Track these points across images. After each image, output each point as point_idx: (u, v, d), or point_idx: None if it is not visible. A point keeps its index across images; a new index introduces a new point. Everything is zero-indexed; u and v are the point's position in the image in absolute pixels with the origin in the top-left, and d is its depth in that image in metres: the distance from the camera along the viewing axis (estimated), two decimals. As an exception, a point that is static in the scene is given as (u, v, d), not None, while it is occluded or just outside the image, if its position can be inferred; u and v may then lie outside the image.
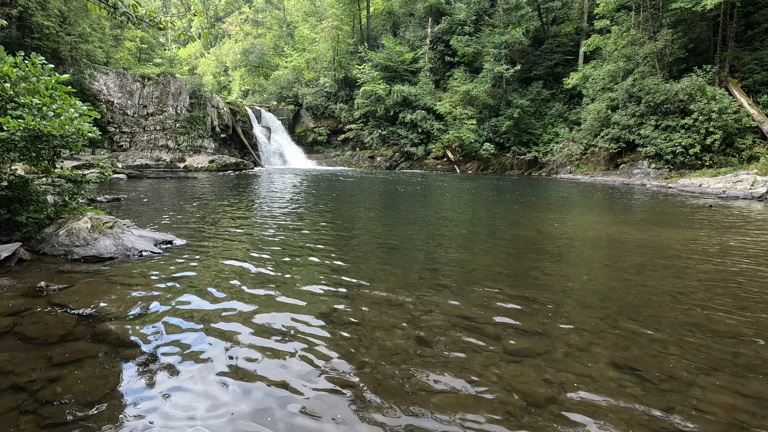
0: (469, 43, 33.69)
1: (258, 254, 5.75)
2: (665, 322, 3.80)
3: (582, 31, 32.03)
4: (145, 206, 10.08)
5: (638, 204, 13.36)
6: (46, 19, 20.10)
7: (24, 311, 3.53)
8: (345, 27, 41.45)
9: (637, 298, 4.39)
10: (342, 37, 39.57)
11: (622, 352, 3.21)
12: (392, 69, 36.37)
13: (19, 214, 5.41)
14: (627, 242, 7.24)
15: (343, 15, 41.67)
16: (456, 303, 4.12)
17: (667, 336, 3.50)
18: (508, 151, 32.05)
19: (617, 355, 3.16)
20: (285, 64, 44.80)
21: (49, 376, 2.66)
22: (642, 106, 23.08)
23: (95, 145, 22.28)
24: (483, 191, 17.19)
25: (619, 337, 3.46)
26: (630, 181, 22.37)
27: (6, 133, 4.75)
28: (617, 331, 3.57)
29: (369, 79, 35.15)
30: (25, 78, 5.36)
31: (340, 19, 40.59)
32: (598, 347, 3.28)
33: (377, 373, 2.83)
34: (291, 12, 53.93)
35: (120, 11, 2.47)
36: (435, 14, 38.34)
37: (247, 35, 57.55)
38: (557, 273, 5.31)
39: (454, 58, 36.43)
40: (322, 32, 39.78)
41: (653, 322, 3.80)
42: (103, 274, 4.65)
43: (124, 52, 35.85)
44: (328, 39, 38.79)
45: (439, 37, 37.27)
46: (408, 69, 36.77)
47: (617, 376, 2.88)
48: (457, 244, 6.96)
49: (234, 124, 31.91)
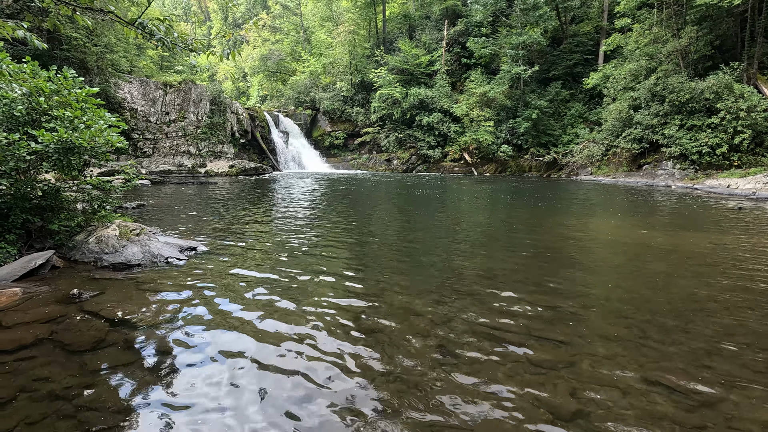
0: (485, 44, 33.48)
1: (278, 260, 5.83)
2: (695, 331, 3.70)
3: (602, 30, 31.47)
4: (169, 212, 10.33)
5: (663, 206, 13.02)
6: (74, 31, 20.86)
7: (59, 318, 3.66)
8: (361, 31, 41.74)
9: (665, 306, 4.29)
10: (358, 42, 39.86)
11: (650, 364, 3.14)
12: (408, 72, 36.43)
13: (52, 222, 5.63)
14: (652, 247, 7.07)
15: (360, 19, 41.98)
16: (477, 311, 4.09)
17: (697, 346, 3.40)
18: (527, 153, 31.69)
19: (645, 367, 3.09)
20: (302, 69, 45.37)
21: (84, 382, 2.76)
22: (666, 105, 22.52)
23: (120, 151, 22.95)
24: (501, 194, 17.02)
25: (647, 348, 3.38)
26: (653, 183, 21.82)
27: (41, 145, 4.95)
28: (644, 341, 3.49)
29: (385, 82, 35.29)
30: (57, 91, 5.58)
31: (356, 23, 40.91)
32: (625, 358, 3.22)
33: (397, 384, 2.84)
34: (308, 17, 54.58)
35: (156, 37, 2.56)
36: (451, 16, 38.25)
37: (264, 41, 58.48)
38: (580, 280, 5.22)
39: (470, 60, 36.27)
40: (338, 37, 40.14)
41: (682, 331, 3.70)
42: (132, 281, 4.79)
43: (146, 61, 36.93)
44: (344, 43, 39.12)
45: (456, 39, 37.16)
46: (424, 72, 36.76)
47: (646, 389, 2.82)
48: (476, 249, 6.91)
49: (253, 129, 32.45)
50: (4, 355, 3.04)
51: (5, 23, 2.17)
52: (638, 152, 24.57)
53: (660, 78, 23.41)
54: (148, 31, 2.47)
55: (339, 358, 3.18)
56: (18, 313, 3.72)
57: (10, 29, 2.23)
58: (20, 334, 3.34)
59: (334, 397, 2.68)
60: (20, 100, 5.24)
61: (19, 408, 2.48)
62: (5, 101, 5.15)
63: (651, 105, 23.53)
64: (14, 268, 4.64)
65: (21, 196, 5.40)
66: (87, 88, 5.86)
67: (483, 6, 33.25)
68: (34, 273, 4.75)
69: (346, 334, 3.57)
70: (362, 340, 3.46)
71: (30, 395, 2.60)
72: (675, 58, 23.72)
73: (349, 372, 2.98)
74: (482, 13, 33.90)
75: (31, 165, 5.45)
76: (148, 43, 36.76)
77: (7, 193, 5.39)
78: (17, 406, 2.50)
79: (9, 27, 2.21)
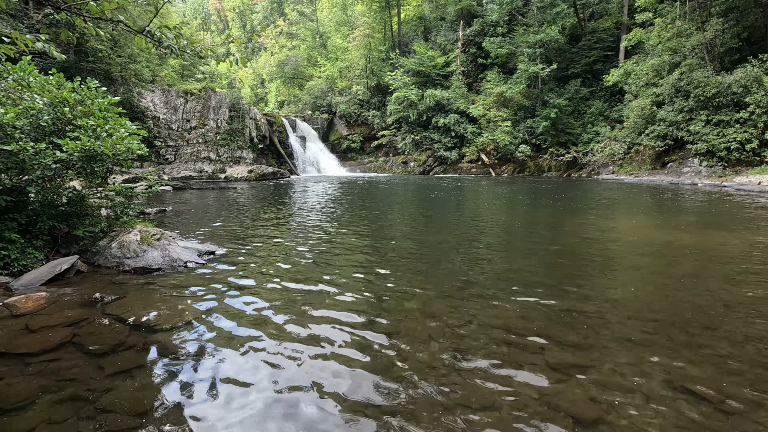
0: (502, 44, 33.12)
1: (295, 263, 5.86)
2: (723, 335, 3.54)
3: (622, 26, 30.72)
4: (189, 217, 10.54)
5: (689, 205, 12.58)
6: (99, 43, 21.60)
7: (82, 321, 3.76)
8: (376, 35, 41.92)
9: (691, 309, 4.12)
10: (374, 45, 40.03)
11: (675, 369, 3.01)
12: (424, 74, 36.37)
13: (77, 228, 5.80)
14: (678, 247, 6.82)
15: (375, 23, 42.17)
16: (494, 314, 4.02)
17: (726, 351, 3.25)
18: (546, 153, 31.17)
19: (671, 372, 2.97)
20: (319, 74, 45.82)
21: (104, 384, 2.82)
22: (691, 100, 21.82)
23: (143, 159, 23.60)
24: (520, 195, 16.76)
25: (672, 352, 3.25)
26: (679, 181, 21.14)
27: (65, 154, 5.11)
28: (670, 346, 3.35)
29: (401, 84, 35.31)
30: (81, 101, 5.77)
31: (371, 27, 41.12)
32: (649, 363, 3.09)
33: (413, 388, 2.80)
34: (324, 23, 55.17)
35: (164, 44, 2.61)
36: (466, 17, 38.03)
37: (282, 47, 59.39)
38: (602, 282, 5.08)
39: (486, 60, 35.95)
40: (354, 41, 40.43)
41: (710, 335, 3.54)
42: (152, 284, 4.89)
43: (168, 70, 37.91)
44: (360, 47, 39.36)
45: (471, 39, 36.90)
46: (440, 73, 36.63)
47: (671, 395, 2.70)
48: (494, 251, 6.81)
49: (271, 134, 32.91)
50: (30, 357, 3.14)
51: (24, 36, 2.26)
52: (662, 150, 23.84)
53: (684, 73, 22.68)
54: (157, 38, 2.53)
55: (354, 360, 3.16)
56: (43, 316, 3.84)
57: (30, 42, 2.31)
58: (45, 337, 3.44)
59: (347, 400, 2.66)
60: (46, 110, 5.44)
61: (42, 409, 2.54)
62: (32, 112, 5.35)
63: (675, 101, 22.82)
64: (41, 273, 4.80)
65: (48, 203, 5.59)
66: (109, 98, 6.04)
67: (499, 5, 32.92)
68: (59, 277, 4.90)
69: (362, 337, 3.55)
70: (377, 344, 3.43)
71: (52, 396, 2.67)
72: (700, 51, 22.96)
73: (363, 375, 2.96)
74: (498, 13, 33.56)
75: (56, 173, 5.65)
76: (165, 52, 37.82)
77: (34, 200, 5.59)
78: (40, 406, 2.56)
79: (28, 40, 2.30)
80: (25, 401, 2.61)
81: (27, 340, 3.39)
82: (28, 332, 3.52)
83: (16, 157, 5.01)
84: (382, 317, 3.97)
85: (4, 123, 4.92)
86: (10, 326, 3.64)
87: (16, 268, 4.91)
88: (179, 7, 77.50)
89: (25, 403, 2.60)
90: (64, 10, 2.28)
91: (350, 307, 4.22)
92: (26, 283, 4.61)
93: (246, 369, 3.05)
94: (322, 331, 3.66)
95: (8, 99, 5.40)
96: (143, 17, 21.24)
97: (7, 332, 3.52)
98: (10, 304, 4.03)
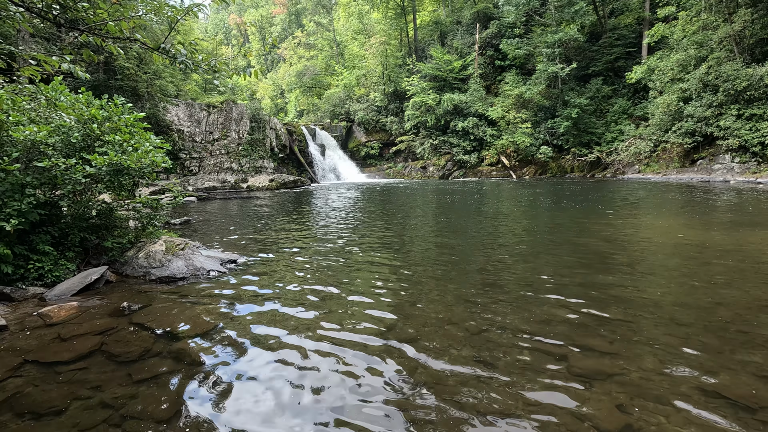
0: (519, 45, 32.80)
1: (316, 270, 5.91)
2: (759, 340, 3.36)
3: (644, 21, 29.99)
4: (212, 226, 10.79)
5: (722, 203, 12.07)
6: (126, 61, 22.50)
7: (110, 330, 3.89)
8: (393, 41, 42.20)
9: (725, 313, 3.93)
10: (390, 52, 40.30)
11: (708, 376, 2.88)
12: (441, 78, 36.34)
13: (106, 240, 6.02)
14: (710, 248, 6.55)
15: (391, 30, 42.48)
16: (516, 319, 3.94)
17: (762, 357, 3.09)
18: (568, 153, 30.57)
19: (703, 379, 2.84)
20: (336, 83, 46.39)
21: (131, 391, 2.90)
22: (720, 95, 21.03)
23: (169, 171, 24.38)
24: (542, 197, 16.46)
25: (705, 358, 3.11)
26: (710, 178, 20.35)
27: (94, 168, 5.33)
28: (702, 351, 3.21)
29: (418, 90, 35.36)
30: (108, 118, 6.02)
31: (387, 34, 41.42)
32: (680, 370, 2.97)
33: (433, 396, 2.76)
34: (341, 32, 55.91)
35: (179, 60, 2.71)
36: (483, 19, 37.86)
37: (300, 58, 60.46)
38: (629, 285, 4.91)
39: (504, 62, 35.66)
40: (370, 49, 40.79)
41: (744, 340, 3.37)
42: (177, 293, 5.01)
43: (191, 84, 39.06)
44: (376, 54, 39.68)
45: (488, 41, 36.69)
46: (457, 77, 36.52)
47: (704, 403, 2.58)
48: (515, 255, 6.69)
49: (291, 143, 33.45)
50: (61, 365, 3.26)
51: (50, 58, 2.39)
52: (691, 146, 23.03)
53: (712, 66, 21.91)
54: (172, 55, 2.63)
55: (375, 366, 3.15)
56: (74, 325, 3.99)
57: (56, 63, 2.45)
58: (75, 345, 3.57)
59: (365, 413, 2.65)
60: (76, 127, 5.69)
61: (72, 415, 2.63)
62: (63, 129, 5.61)
63: (703, 96, 22.05)
64: (73, 284, 4.99)
65: (79, 216, 5.83)
66: (135, 113, 6.28)
67: (515, 6, 32.64)
68: (90, 287, 5.09)
69: (383, 343, 3.54)
70: (398, 350, 3.41)
71: (82, 403, 2.76)
72: (728, 44, 22.14)
73: (384, 382, 2.94)
74: (515, 14, 33.27)
75: (86, 187, 5.88)
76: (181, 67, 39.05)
77: (66, 214, 5.84)
78: (70, 413, 2.65)
79: (54, 61, 2.43)
80: (57, 407, 2.71)
81: (59, 348, 3.53)
82: (60, 341, 3.66)
83: (49, 173, 5.25)
84: (403, 324, 3.95)
85: (37, 141, 5.17)
86: (44, 335, 3.79)
87: (50, 279, 5.12)
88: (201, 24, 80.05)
89: (58, 409, 2.70)
90: (85, 32, 2.40)
91: (371, 314, 4.22)
92: (59, 294, 4.80)
93: (268, 376, 3.09)
94: (345, 336, 3.67)
95: (41, 117, 5.67)
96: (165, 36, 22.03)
97: (41, 341, 3.67)
98: (44, 313, 4.20)
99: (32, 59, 2.48)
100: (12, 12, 2.45)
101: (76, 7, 2.33)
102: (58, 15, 2.40)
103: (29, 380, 3.05)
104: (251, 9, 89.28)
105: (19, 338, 3.74)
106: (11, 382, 3.01)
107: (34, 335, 3.80)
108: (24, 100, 5.51)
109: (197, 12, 2.74)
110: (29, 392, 2.90)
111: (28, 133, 5.08)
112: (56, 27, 17.38)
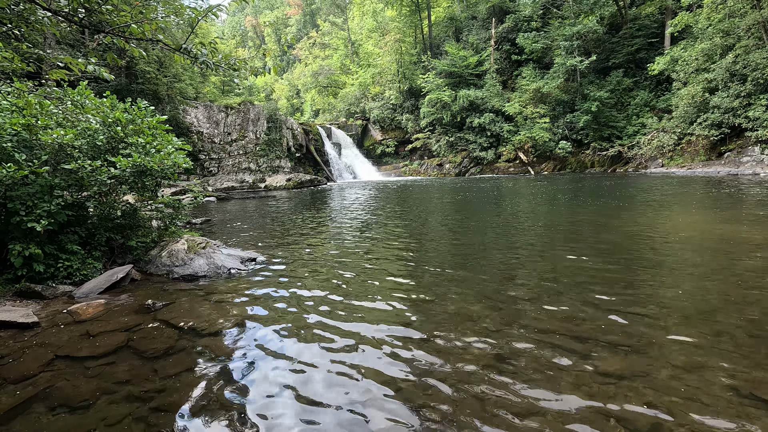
0: (536, 38, 32.24)
1: (334, 268, 5.94)
2: (798, 338, 3.22)
3: (667, 10, 29.07)
4: (232, 225, 10.96)
5: (751, 196, 11.63)
6: (147, 65, 23.03)
7: (136, 326, 3.99)
8: (407, 38, 42.03)
9: (758, 310, 3.79)
10: (405, 49, 40.14)
11: (741, 374, 2.77)
12: (457, 74, 36.02)
13: (131, 239, 6.18)
14: (741, 243, 6.31)
15: (405, 27, 42.30)
16: (537, 317, 3.87)
17: (801, 355, 2.96)
18: (588, 148, 29.92)
19: (736, 378, 2.73)
20: (351, 82, 46.50)
21: (156, 386, 2.96)
22: (748, 84, 20.26)
23: (189, 172, 24.84)
24: (561, 193, 16.16)
25: (737, 356, 2.99)
26: (738, 171, 19.64)
27: (119, 170, 5.47)
28: (734, 349, 3.10)
29: (433, 86, 35.14)
30: (132, 121, 6.17)
31: (402, 31, 41.26)
32: (711, 369, 2.87)
33: (453, 395, 2.74)
34: (355, 31, 56.00)
35: (200, 60, 2.76)
36: (498, 14, 37.35)
37: (315, 58, 60.83)
38: (655, 281, 4.78)
39: (521, 56, 35.11)
40: (385, 46, 40.70)
41: (782, 338, 3.24)
42: (199, 291, 5.11)
43: (210, 87, 39.74)
44: (391, 52, 39.58)
45: (504, 36, 36.18)
46: (473, 72, 36.14)
47: (737, 401, 2.49)
48: (535, 252, 6.59)
49: (307, 143, 33.70)
50: (90, 360, 3.36)
51: (76, 61, 2.46)
52: (717, 139, 22.26)
53: (739, 55, 21.11)
54: (193, 55, 2.67)
55: (393, 365, 3.14)
56: (101, 322, 4.10)
57: (82, 65, 2.52)
58: (103, 341, 3.67)
59: (381, 414, 2.65)
60: (101, 130, 5.84)
61: (100, 409, 2.71)
62: (89, 132, 5.77)
63: (730, 86, 21.28)
64: (99, 282, 5.14)
65: (104, 216, 5.99)
66: (157, 116, 6.42)
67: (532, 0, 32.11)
68: (116, 285, 5.22)
69: (402, 342, 3.53)
70: (416, 349, 3.40)
71: (109, 397, 2.83)
72: (756, 31, 21.28)
73: (402, 379, 2.93)
74: (531, 7, 32.71)
75: (111, 188, 6.04)
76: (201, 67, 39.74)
77: (93, 214, 6.01)
78: (98, 407, 2.73)
79: (80, 63, 2.50)
80: (87, 401, 2.79)
81: (88, 344, 3.63)
82: (88, 337, 3.77)
83: (76, 175, 5.41)
84: (421, 322, 3.93)
85: (64, 143, 5.33)
86: (73, 331, 3.91)
87: (78, 277, 5.28)
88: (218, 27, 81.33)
89: (87, 403, 2.77)
90: (109, 34, 2.46)
91: (388, 313, 4.21)
92: (87, 292, 4.94)
93: (287, 371, 3.11)
94: (364, 332, 3.68)
95: (67, 121, 5.85)
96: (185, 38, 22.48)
97: (71, 337, 3.79)
98: (73, 311, 4.34)
99: (60, 62, 2.55)
100: (40, 17, 2.54)
101: (100, 10, 2.40)
102: (83, 18, 2.48)
103: (60, 374, 3.15)
104: (266, 11, 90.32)
105: (50, 334, 3.86)
106: (42, 377, 3.12)
107: (64, 331, 3.92)
108: (52, 104, 5.68)
109: (217, 13, 2.78)
110: (60, 386, 2.99)
111: (55, 136, 5.25)
112: (81, 30, 17.78)
